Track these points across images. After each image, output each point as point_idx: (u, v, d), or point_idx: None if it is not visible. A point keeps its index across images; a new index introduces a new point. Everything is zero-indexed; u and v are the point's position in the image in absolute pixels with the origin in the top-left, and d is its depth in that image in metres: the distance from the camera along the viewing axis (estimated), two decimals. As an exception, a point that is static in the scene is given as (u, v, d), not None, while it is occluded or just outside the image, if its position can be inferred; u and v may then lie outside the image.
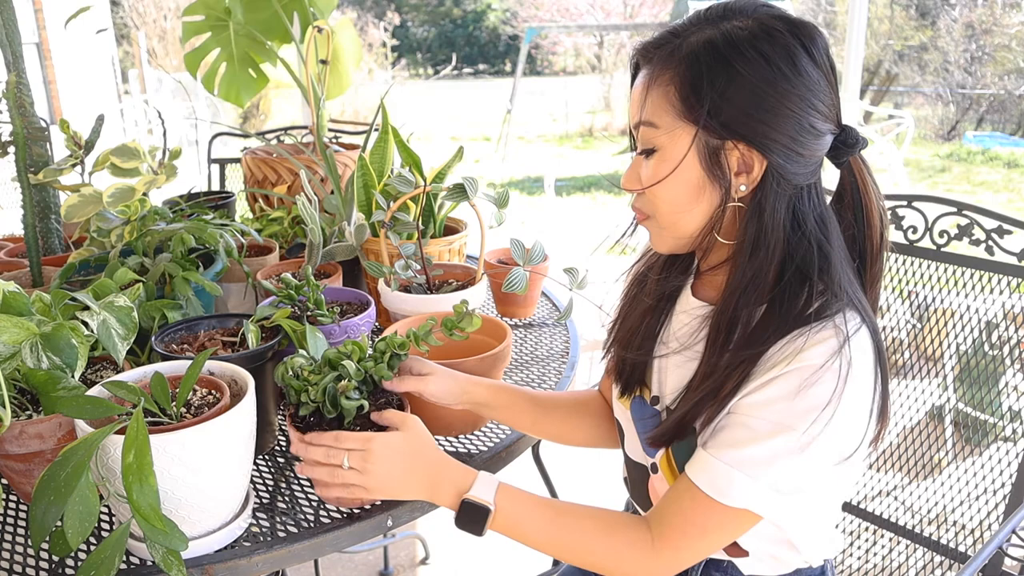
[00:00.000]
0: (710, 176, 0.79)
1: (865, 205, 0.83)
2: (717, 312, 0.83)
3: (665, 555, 0.82)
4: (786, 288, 0.79)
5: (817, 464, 0.76)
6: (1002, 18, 10.51)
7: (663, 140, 0.80)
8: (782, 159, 0.77)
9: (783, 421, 0.75)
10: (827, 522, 0.92)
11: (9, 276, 1.33)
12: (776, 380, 0.76)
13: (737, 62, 0.75)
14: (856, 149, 0.81)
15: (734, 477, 0.76)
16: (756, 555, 0.91)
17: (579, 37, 16.33)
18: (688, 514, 0.80)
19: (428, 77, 23.58)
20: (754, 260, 0.79)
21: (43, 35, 7.68)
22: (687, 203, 0.81)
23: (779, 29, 0.76)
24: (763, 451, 0.75)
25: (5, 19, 1.35)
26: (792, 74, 0.75)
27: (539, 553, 0.89)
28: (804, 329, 0.76)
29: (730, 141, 0.77)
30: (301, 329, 1.03)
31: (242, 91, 1.90)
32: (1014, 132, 10.17)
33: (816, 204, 0.80)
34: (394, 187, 1.34)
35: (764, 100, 0.75)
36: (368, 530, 0.92)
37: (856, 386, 0.75)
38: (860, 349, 0.76)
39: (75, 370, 0.85)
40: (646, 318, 0.94)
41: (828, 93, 0.78)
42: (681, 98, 0.78)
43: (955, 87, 10.74)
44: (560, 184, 8.22)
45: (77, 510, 0.73)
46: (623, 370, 0.96)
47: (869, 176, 0.83)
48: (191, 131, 8.34)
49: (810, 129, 0.77)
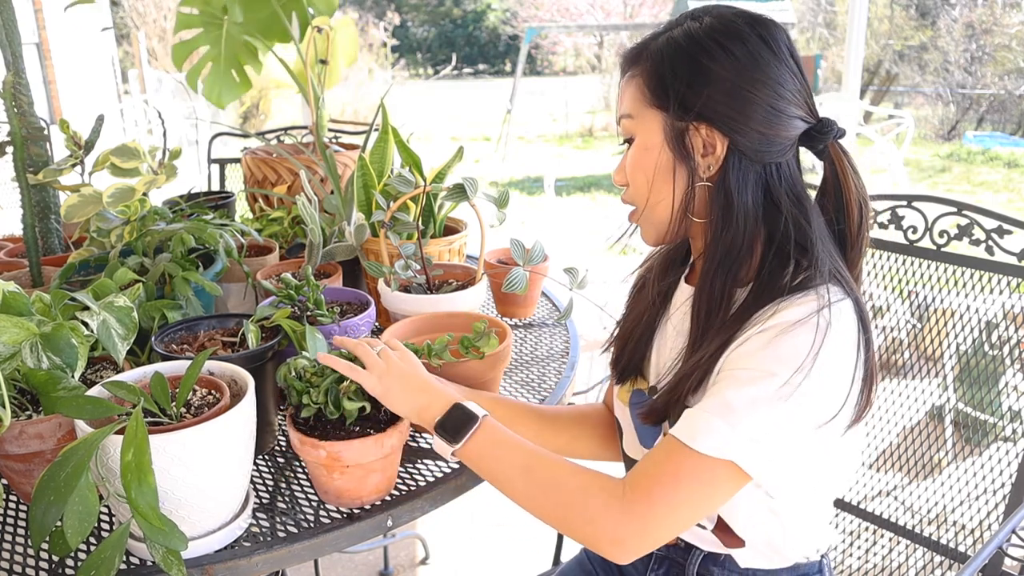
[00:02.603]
0: (679, 158, 0.86)
1: (844, 193, 0.86)
2: (697, 289, 0.88)
3: (637, 508, 0.77)
4: (768, 265, 0.83)
5: (797, 417, 0.76)
6: (1002, 18, 10.51)
7: (638, 128, 0.89)
8: (742, 136, 0.83)
9: (763, 367, 0.76)
10: (818, 507, 0.92)
11: (9, 276, 1.33)
12: (755, 335, 0.79)
13: (695, 52, 0.83)
14: (829, 137, 0.85)
15: (712, 423, 0.76)
16: (752, 545, 0.92)
17: (579, 37, 16.34)
18: (663, 464, 0.78)
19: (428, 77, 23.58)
20: (726, 235, 0.84)
21: (43, 35, 7.68)
22: (661, 185, 0.88)
23: (735, 22, 0.84)
24: (743, 396, 0.76)
25: (5, 19, 1.35)
26: (744, 58, 0.82)
27: (538, 552, 0.89)
28: (785, 297, 0.80)
29: (693, 124, 0.84)
30: (301, 329, 1.03)
31: (224, 93, 1.90)
32: (1014, 132, 10.17)
33: (788, 181, 0.85)
34: (394, 187, 1.34)
35: (720, 83, 0.82)
36: (368, 530, 0.91)
37: (838, 345, 0.77)
38: (842, 313, 0.79)
39: (75, 370, 0.85)
40: (646, 313, 0.98)
41: (789, 79, 0.83)
42: (649, 88, 0.87)
43: (955, 87, 10.74)
44: (560, 184, 8.22)
45: (77, 510, 0.73)
46: (621, 359, 1.00)
47: (849, 165, 0.86)
48: (191, 131, 8.34)
49: (768, 109, 0.82)
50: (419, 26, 24.85)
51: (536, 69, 19.95)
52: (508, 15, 19.41)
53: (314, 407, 0.92)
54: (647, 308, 0.98)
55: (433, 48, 24.88)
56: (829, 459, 0.87)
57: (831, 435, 0.81)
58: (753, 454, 0.75)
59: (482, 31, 24.29)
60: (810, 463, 0.86)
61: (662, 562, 1.02)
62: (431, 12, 24.74)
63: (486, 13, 23.71)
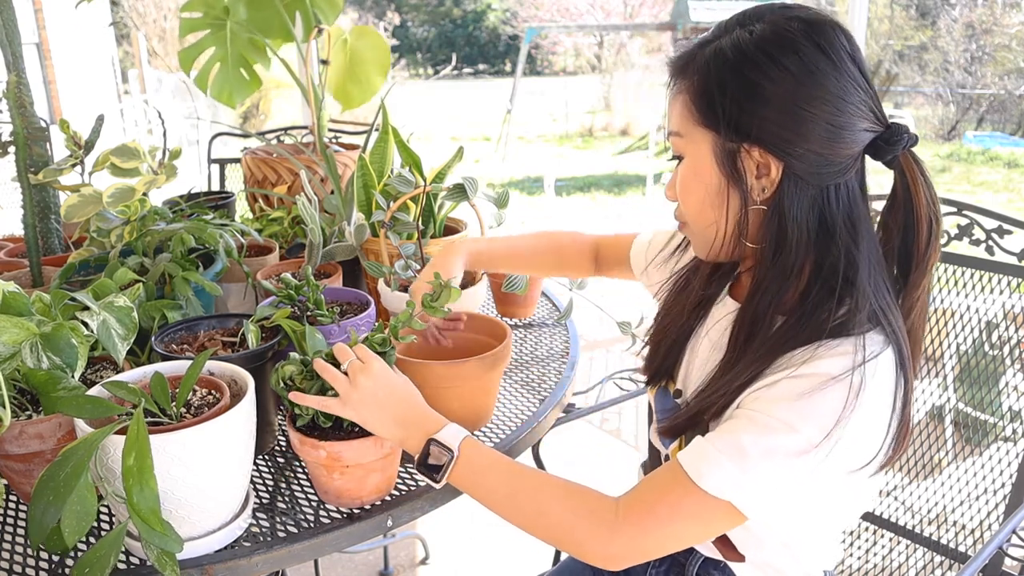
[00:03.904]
0: (730, 181, 0.80)
1: (915, 208, 0.79)
2: (740, 311, 0.84)
3: (626, 532, 0.76)
4: (813, 296, 0.78)
5: (813, 474, 0.73)
6: (1002, 18, 10.51)
7: (687, 148, 0.83)
8: (798, 160, 0.76)
9: (788, 420, 0.73)
10: (830, 536, 0.91)
11: (9, 276, 1.33)
12: (787, 380, 0.74)
13: (745, 67, 0.76)
14: (899, 147, 0.78)
15: (722, 463, 0.74)
16: (753, 562, 0.91)
17: (579, 37, 16.34)
18: (663, 492, 0.77)
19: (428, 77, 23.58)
20: (776, 261, 0.79)
21: (43, 35, 7.68)
22: (711, 208, 0.83)
23: (791, 31, 0.76)
24: (761, 445, 0.73)
25: (5, 19, 1.35)
26: (800, 72, 0.74)
27: (539, 552, 0.89)
28: (824, 341, 0.75)
29: (745, 145, 0.78)
30: (301, 329, 1.03)
31: (234, 92, 1.90)
32: (1014, 132, 10.17)
33: (846, 204, 0.78)
34: (394, 187, 1.34)
35: (773, 103, 0.75)
36: (368, 530, 0.91)
37: (869, 408, 0.73)
38: (880, 370, 0.74)
39: (75, 370, 0.85)
40: (685, 316, 0.95)
41: (852, 89, 0.76)
42: (697, 107, 0.80)
43: (955, 87, 10.74)
44: (560, 184, 8.22)
45: (75, 509, 0.72)
46: (654, 360, 0.98)
47: (921, 176, 0.79)
48: (191, 131, 8.34)
49: (827, 127, 0.75)
50: (419, 26, 24.85)
51: (536, 69, 19.95)
52: (508, 15, 19.41)
53: (306, 417, 0.91)
54: (687, 310, 0.95)
55: (433, 48, 24.88)
56: (844, 498, 0.85)
57: (854, 480, 0.78)
58: (754, 501, 0.74)
59: (482, 31, 24.29)
60: (822, 503, 0.83)
61: (664, 560, 1.02)
62: (431, 12, 24.74)
63: (486, 13, 23.71)
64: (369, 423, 0.87)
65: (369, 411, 0.87)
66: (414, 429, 0.87)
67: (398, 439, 0.88)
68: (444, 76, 22.44)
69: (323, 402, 0.88)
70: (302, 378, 0.93)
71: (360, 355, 0.90)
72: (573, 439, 2.89)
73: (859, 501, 0.88)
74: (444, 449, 0.84)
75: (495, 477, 0.84)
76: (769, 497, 0.74)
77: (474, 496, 0.85)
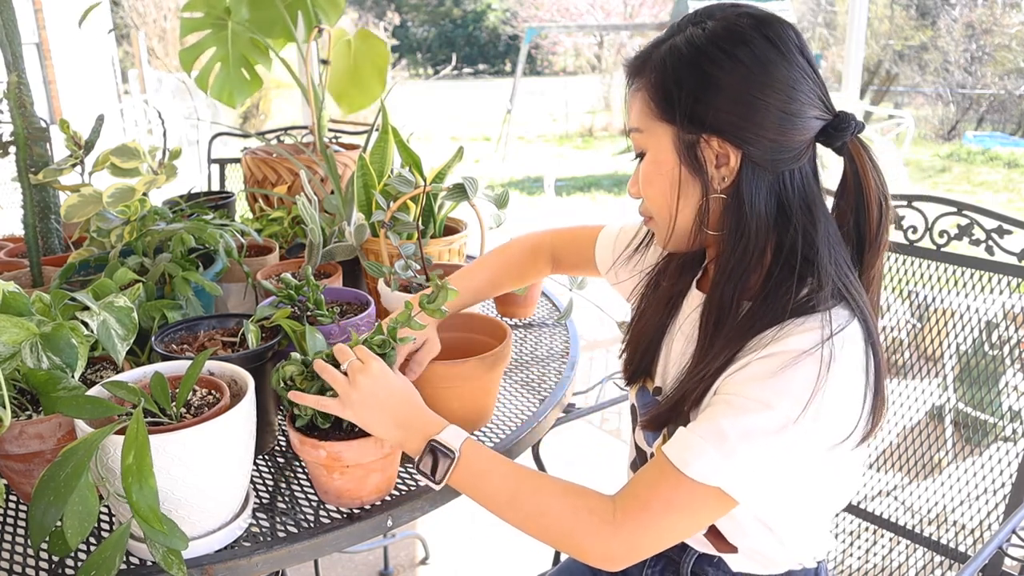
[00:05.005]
0: (691, 171, 0.83)
1: (864, 191, 0.83)
2: (707, 299, 0.86)
3: (626, 529, 0.78)
4: (775, 278, 0.81)
5: (794, 450, 0.75)
6: (1002, 18, 10.51)
7: (648, 142, 0.86)
8: (755, 147, 0.79)
9: (762, 398, 0.75)
10: (817, 521, 0.92)
11: (9, 276, 1.33)
12: (758, 361, 0.77)
13: (699, 61, 0.80)
14: (847, 134, 0.82)
15: (706, 450, 0.75)
16: (745, 552, 0.92)
17: (579, 37, 16.34)
18: (653, 487, 0.78)
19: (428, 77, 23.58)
20: (737, 247, 0.82)
21: (43, 35, 7.68)
22: (674, 199, 0.85)
23: (741, 26, 0.80)
24: (739, 426, 0.75)
25: (5, 19, 1.35)
26: (751, 63, 0.78)
27: (539, 552, 0.89)
28: (791, 320, 0.78)
29: (703, 136, 0.81)
30: (301, 329, 1.03)
31: (235, 92, 1.90)
32: (1014, 132, 10.17)
33: (801, 188, 0.82)
34: (394, 187, 1.34)
35: (727, 93, 0.79)
36: (368, 530, 0.91)
37: (842, 379, 0.75)
38: (849, 342, 0.77)
39: (75, 370, 0.85)
40: (658, 315, 0.97)
41: (801, 79, 0.79)
42: (655, 102, 0.83)
43: (955, 87, 10.74)
44: (560, 184, 8.22)
45: (76, 510, 0.73)
46: (632, 362, 0.99)
47: (869, 162, 0.83)
48: (191, 131, 8.34)
49: (780, 115, 0.79)
50: (419, 26, 24.85)
51: (536, 69, 19.95)
52: (508, 15, 19.41)
53: (305, 417, 0.91)
54: (659, 309, 0.97)
55: (433, 48, 24.88)
56: (827, 478, 0.86)
57: (835, 456, 0.79)
58: (742, 484, 0.75)
59: (482, 31, 24.29)
60: (806, 483, 0.85)
61: (659, 559, 1.02)
62: (431, 12, 24.74)
63: (486, 13, 23.71)
64: (368, 424, 0.87)
65: (368, 412, 0.87)
66: (414, 430, 0.87)
67: (398, 440, 0.88)
68: (444, 76, 22.45)
69: (322, 402, 0.88)
70: (302, 378, 0.93)
71: (360, 356, 0.90)
72: (573, 439, 2.89)
73: (843, 482, 0.89)
74: (445, 451, 0.85)
75: (495, 479, 0.84)
76: (755, 478, 0.75)
77: (474, 497, 0.86)
